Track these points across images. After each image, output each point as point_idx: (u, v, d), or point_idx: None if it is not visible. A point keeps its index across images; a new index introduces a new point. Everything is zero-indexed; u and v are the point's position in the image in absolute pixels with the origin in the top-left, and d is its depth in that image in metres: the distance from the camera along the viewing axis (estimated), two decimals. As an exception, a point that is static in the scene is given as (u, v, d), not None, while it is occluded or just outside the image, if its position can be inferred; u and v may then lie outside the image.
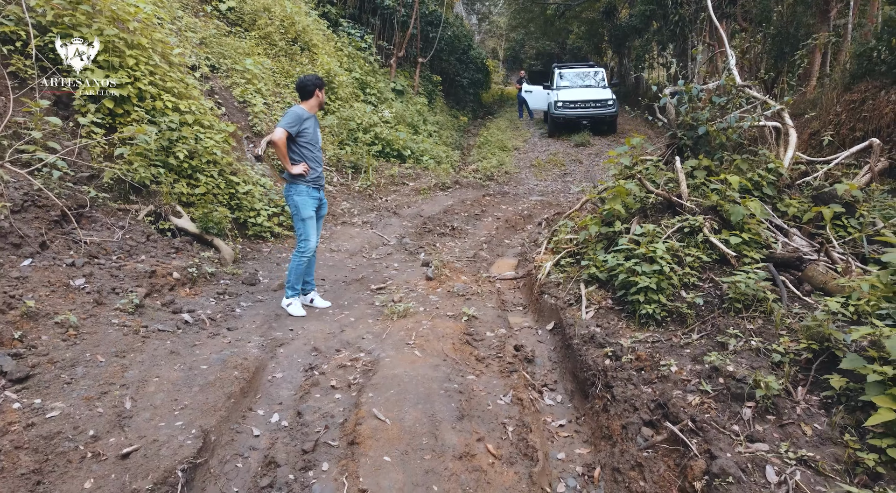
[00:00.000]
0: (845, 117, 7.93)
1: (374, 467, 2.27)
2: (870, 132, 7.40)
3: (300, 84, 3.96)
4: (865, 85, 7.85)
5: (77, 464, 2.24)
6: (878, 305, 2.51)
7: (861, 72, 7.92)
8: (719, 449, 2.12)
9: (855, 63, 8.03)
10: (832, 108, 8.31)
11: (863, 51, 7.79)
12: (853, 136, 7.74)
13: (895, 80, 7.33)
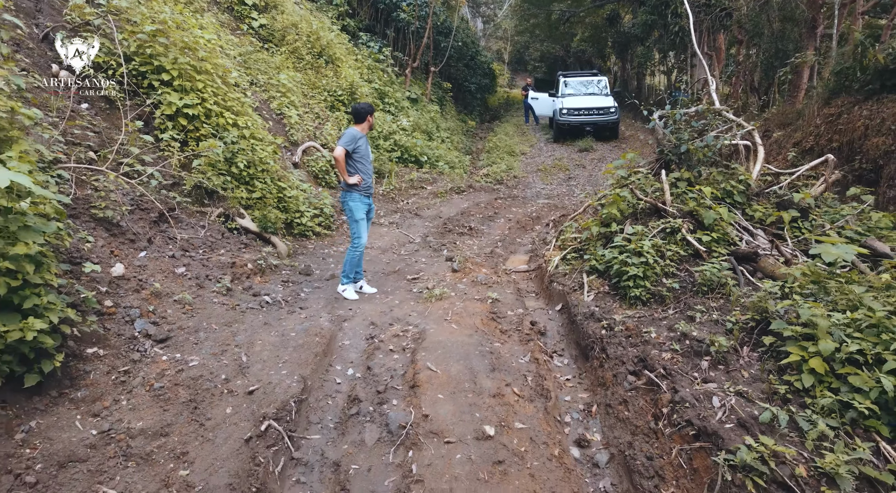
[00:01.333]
0: (824, 129, 8.74)
1: (432, 401, 3.13)
2: (844, 143, 8.22)
3: (355, 110, 4.81)
4: (842, 100, 8.66)
5: (218, 397, 3.11)
6: (804, 285, 3.35)
7: (838, 88, 8.72)
8: (681, 387, 2.96)
9: (833, 80, 8.83)
10: (813, 120, 9.12)
11: (840, 69, 8.59)
12: (830, 146, 8.56)
13: (867, 97, 8.14)
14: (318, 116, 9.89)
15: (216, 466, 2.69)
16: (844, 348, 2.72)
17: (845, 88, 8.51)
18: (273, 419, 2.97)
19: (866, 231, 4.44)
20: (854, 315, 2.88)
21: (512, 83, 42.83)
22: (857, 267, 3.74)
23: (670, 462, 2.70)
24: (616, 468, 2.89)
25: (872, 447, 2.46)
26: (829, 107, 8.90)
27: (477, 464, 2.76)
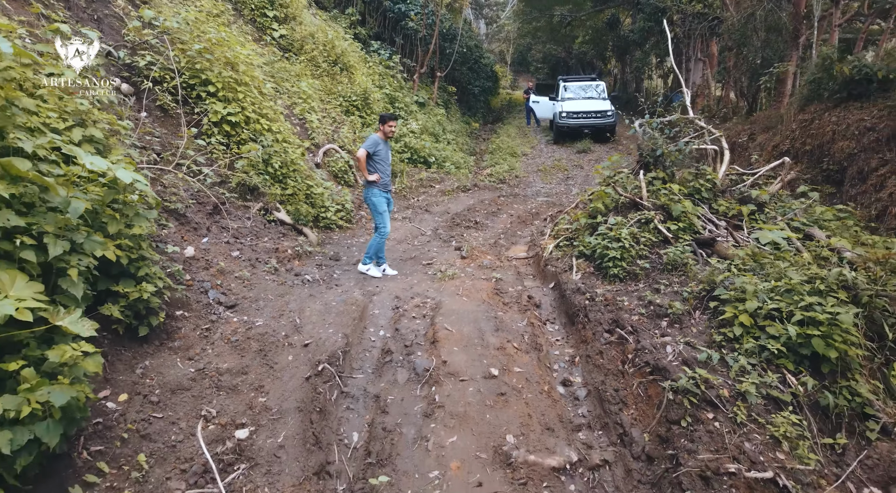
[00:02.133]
0: (798, 133, 9.58)
1: (448, 352, 3.98)
2: (815, 147, 9.06)
3: (380, 119, 5.65)
4: (815, 107, 9.50)
5: (281, 348, 3.97)
6: (746, 263, 4.18)
7: (812, 96, 9.55)
8: (644, 339, 3.80)
9: (807, 88, 9.66)
10: (789, 125, 9.95)
11: (812, 79, 9.41)
12: (804, 149, 9.39)
13: (836, 105, 8.98)
14: (335, 120, 10.75)
15: (286, 395, 3.55)
16: (765, 307, 3.56)
17: (817, 96, 9.34)
18: (326, 363, 3.82)
19: (811, 222, 5.28)
20: (776, 283, 3.72)
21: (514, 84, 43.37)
22: (797, 248, 4.57)
23: (631, 393, 3.54)
24: (591, 399, 3.73)
25: (780, 377, 3.31)
26: (803, 113, 9.73)
27: (484, 395, 3.60)
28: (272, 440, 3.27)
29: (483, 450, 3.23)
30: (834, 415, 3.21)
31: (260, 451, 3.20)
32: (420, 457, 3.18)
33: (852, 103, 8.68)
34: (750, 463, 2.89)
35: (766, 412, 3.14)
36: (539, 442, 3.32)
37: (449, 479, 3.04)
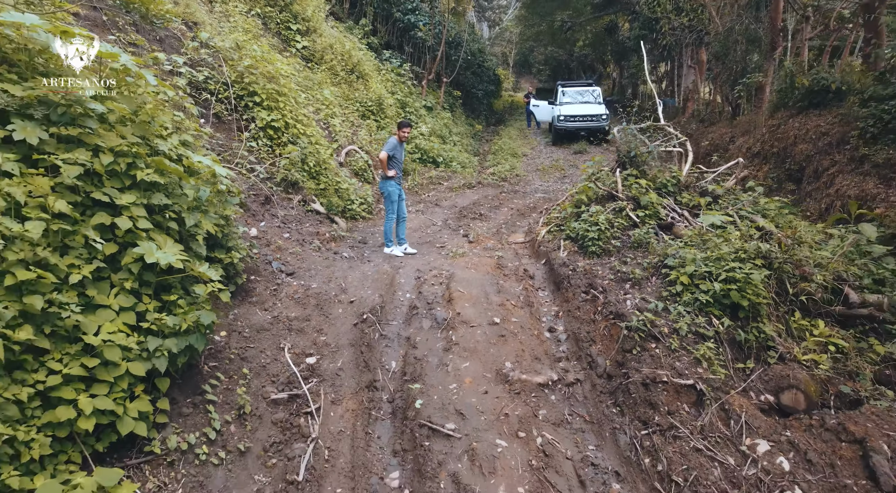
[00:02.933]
0: (768, 137, 10.75)
1: (461, 307, 5.16)
2: (781, 149, 10.23)
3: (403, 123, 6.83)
4: (782, 113, 10.67)
5: (333, 303, 5.16)
6: (692, 240, 5.36)
7: (780, 104, 10.73)
8: (611, 297, 4.98)
9: (776, 97, 10.82)
10: (761, 129, 11.12)
11: (780, 88, 10.58)
12: (772, 150, 10.57)
13: (799, 112, 10.15)
14: (354, 124, 11.95)
15: (340, 336, 4.75)
16: (700, 270, 4.75)
17: (784, 104, 10.52)
18: (368, 314, 5.01)
19: (756, 210, 6.44)
20: (710, 253, 4.90)
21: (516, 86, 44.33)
22: (737, 227, 5.74)
23: (599, 333, 4.73)
24: (570, 340, 4.92)
25: (707, 320, 4.49)
26: (772, 119, 10.92)
27: (489, 336, 4.79)
28: (333, 365, 4.47)
29: (488, 372, 4.42)
30: (745, 347, 4.40)
31: (325, 371, 4.40)
32: (442, 376, 4.37)
33: (812, 111, 9.85)
34: (678, 375, 4.08)
35: (693, 342, 4.33)
36: (529, 367, 4.51)
37: (463, 389, 4.23)
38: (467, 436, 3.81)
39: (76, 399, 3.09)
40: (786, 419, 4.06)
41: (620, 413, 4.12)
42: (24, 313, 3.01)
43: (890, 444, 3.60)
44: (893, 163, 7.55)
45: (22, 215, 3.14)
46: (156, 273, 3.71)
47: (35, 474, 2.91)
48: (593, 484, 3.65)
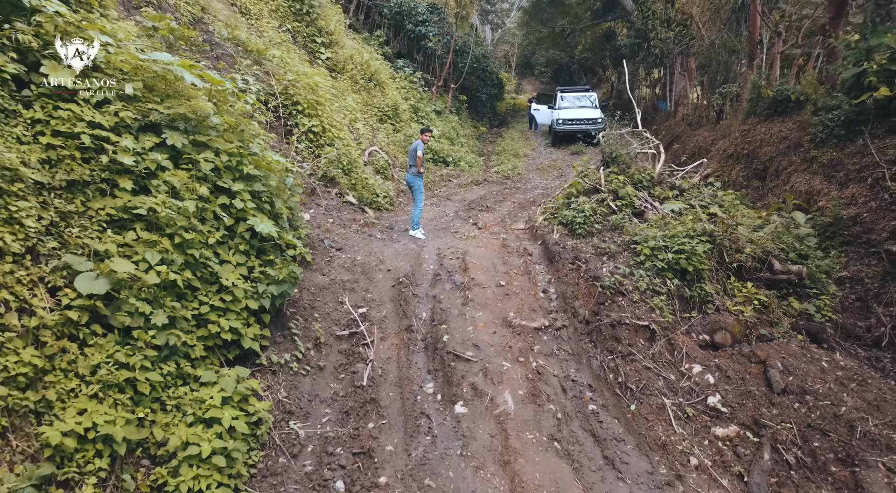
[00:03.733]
0: (740, 140, 12.18)
1: (474, 274, 6.62)
2: (750, 151, 11.64)
3: (425, 129, 8.28)
4: (752, 120, 12.10)
5: (375, 271, 6.63)
6: (657, 222, 6.80)
7: (751, 111, 12.15)
8: (591, 266, 6.43)
9: (748, 105, 12.25)
10: (735, 133, 12.55)
11: (750, 98, 12.01)
12: (744, 152, 11.98)
13: (766, 118, 11.56)
14: (373, 128, 13.41)
15: (382, 294, 6.21)
16: (659, 244, 6.19)
17: (754, 111, 11.95)
18: (403, 278, 6.47)
19: (714, 201, 7.87)
20: (667, 232, 6.34)
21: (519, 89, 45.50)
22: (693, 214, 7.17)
23: (581, 292, 6.18)
24: (559, 298, 6.37)
25: (661, 281, 5.93)
26: (744, 124, 12.35)
27: (496, 294, 6.24)
28: (379, 314, 5.94)
29: (496, 319, 5.87)
30: (690, 301, 5.84)
31: (374, 318, 5.86)
32: (461, 322, 5.82)
33: (777, 118, 11.27)
34: (637, 319, 5.53)
35: (650, 296, 5.77)
36: (527, 316, 5.97)
37: (478, 330, 5.68)
38: (481, 360, 5.26)
39: (217, 321, 4.55)
40: (716, 351, 5.51)
41: (594, 346, 5.58)
42: (187, 262, 4.46)
43: (783, 362, 5.06)
44: (835, 163, 8.98)
45: (179, 196, 4.61)
46: (259, 240, 5.17)
47: (196, 368, 4.37)
48: (572, 391, 5.10)
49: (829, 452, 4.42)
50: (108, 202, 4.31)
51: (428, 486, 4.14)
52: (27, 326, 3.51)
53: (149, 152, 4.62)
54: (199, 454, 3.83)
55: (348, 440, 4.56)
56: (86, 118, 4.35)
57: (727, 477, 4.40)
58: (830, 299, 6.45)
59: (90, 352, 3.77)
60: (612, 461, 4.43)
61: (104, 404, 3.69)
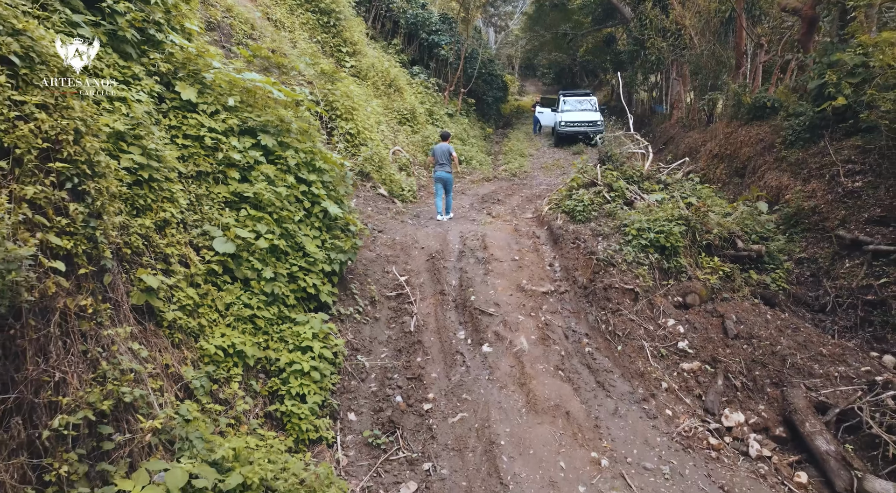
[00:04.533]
0: (724, 141, 13.61)
1: (493, 251, 8.07)
2: (733, 151, 13.07)
3: (444, 134, 9.73)
4: (735, 123, 13.53)
5: (411, 248, 8.11)
6: (643, 210, 8.24)
7: (734, 116, 13.58)
8: (590, 244, 7.89)
9: (731, 110, 13.68)
10: (720, 135, 13.98)
11: (733, 103, 13.44)
12: (727, 153, 13.42)
13: (746, 122, 12.99)
14: (394, 129, 14.87)
15: (419, 266, 7.67)
16: (643, 226, 7.64)
17: (736, 116, 13.38)
18: (434, 253, 7.93)
19: (693, 193, 9.31)
20: (650, 217, 7.78)
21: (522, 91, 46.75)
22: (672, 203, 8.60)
23: (580, 264, 7.64)
24: (562, 270, 7.82)
25: (644, 256, 7.39)
26: (728, 127, 13.79)
27: (511, 267, 7.70)
28: (418, 281, 7.39)
29: (512, 285, 7.32)
30: (668, 271, 7.28)
31: (414, 284, 7.31)
32: (484, 287, 7.27)
33: (755, 122, 12.70)
34: (624, 284, 6.98)
35: (635, 267, 7.21)
36: (537, 283, 7.42)
37: (497, 293, 7.12)
38: (501, 314, 6.71)
39: (303, 278, 6.00)
40: (687, 310, 6.95)
41: (590, 305, 7.03)
42: (282, 234, 5.92)
43: (737, 316, 6.51)
44: (800, 162, 10.41)
45: (274, 184, 6.06)
46: (328, 219, 6.63)
47: (291, 312, 5.83)
48: (573, 338, 6.55)
49: (766, 378, 5.87)
50: (223, 188, 5.77)
51: (465, 399, 5.59)
52: (187, 273, 4.96)
53: (248, 150, 6.08)
54: (302, 369, 5.29)
55: (402, 370, 6.01)
56: (206, 124, 5.82)
57: (689, 397, 5.85)
58: (784, 273, 7.89)
59: (224, 294, 5.23)
60: (602, 384, 5.88)
61: (236, 331, 5.15)
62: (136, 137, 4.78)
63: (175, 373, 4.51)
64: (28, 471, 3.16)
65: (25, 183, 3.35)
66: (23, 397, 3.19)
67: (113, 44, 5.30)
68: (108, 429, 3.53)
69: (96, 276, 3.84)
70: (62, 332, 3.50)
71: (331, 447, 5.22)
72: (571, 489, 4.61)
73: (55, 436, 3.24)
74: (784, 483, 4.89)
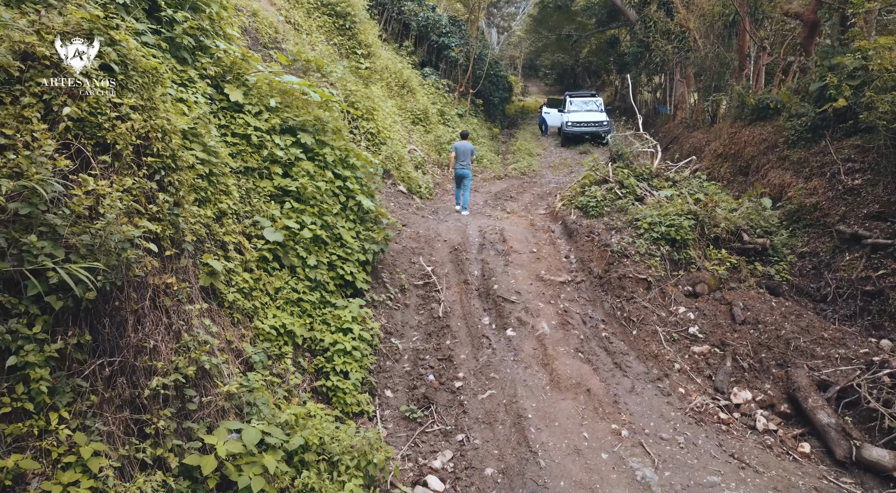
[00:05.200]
0: (728, 141, 14.07)
1: (512, 244, 8.54)
2: (736, 151, 13.52)
3: (464, 133, 10.20)
4: (739, 124, 13.99)
5: (434, 241, 8.58)
6: (653, 205, 8.70)
7: (738, 116, 14.04)
8: (604, 237, 8.35)
9: (734, 111, 14.14)
10: (724, 135, 14.44)
11: (737, 104, 13.89)
12: (731, 152, 13.87)
13: (750, 123, 13.45)
14: (408, 129, 15.34)
15: (443, 257, 8.14)
16: (654, 220, 8.10)
17: (740, 117, 13.84)
18: (456, 245, 8.40)
19: (700, 190, 9.76)
20: (661, 211, 8.24)
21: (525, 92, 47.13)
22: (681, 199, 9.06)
23: (595, 256, 8.10)
24: (578, 262, 8.29)
25: (656, 247, 7.85)
26: (732, 128, 14.24)
27: (530, 258, 8.16)
28: (442, 271, 7.86)
29: (531, 275, 7.79)
30: (678, 262, 7.75)
31: (439, 274, 7.78)
32: (505, 277, 7.73)
33: (758, 123, 13.16)
34: (637, 273, 7.44)
35: (648, 258, 7.68)
36: (555, 273, 7.88)
37: (518, 282, 7.59)
38: (523, 302, 7.18)
39: (341, 266, 6.47)
40: (696, 298, 7.41)
41: (605, 294, 7.50)
42: (322, 225, 6.38)
43: (744, 303, 6.97)
44: (802, 161, 10.87)
45: (314, 179, 6.53)
46: (362, 212, 7.10)
47: (331, 297, 6.29)
48: (590, 323, 7.02)
49: (771, 360, 6.33)
50: (267, 183, 6.24)
51: (493, 377, 6.06)
52: (242, 259, 5.43)
53: (289, 148, 6.55)
54: (345, 349, 5.75)
55: (433, 351, 6.48)
56: (251, 124, 6.29)
57: (700, 377, 6.30)
58: (788, 265, 8.35)
59: (274, 279, 5.69)
60: (619, 365, 6.34)
61: (285, 313, 5.62)
62: (196, 134, 5.24)
63: (236, 348, 4.97)
64: (131, 424, 3.63)
65: (123, 174, 3.81)
66: (125, 361, 3.65)
67: (171, 50, 5.77)
68: (191, 392, 3.99)
69: (175, 258, 4.31)
70: (152, 306, 3.96)
71: (371, 420, 5.68)
72: (595, 456, 5.06)
73: (152, 395, 3.70)
74: (788, 453, 5.34)
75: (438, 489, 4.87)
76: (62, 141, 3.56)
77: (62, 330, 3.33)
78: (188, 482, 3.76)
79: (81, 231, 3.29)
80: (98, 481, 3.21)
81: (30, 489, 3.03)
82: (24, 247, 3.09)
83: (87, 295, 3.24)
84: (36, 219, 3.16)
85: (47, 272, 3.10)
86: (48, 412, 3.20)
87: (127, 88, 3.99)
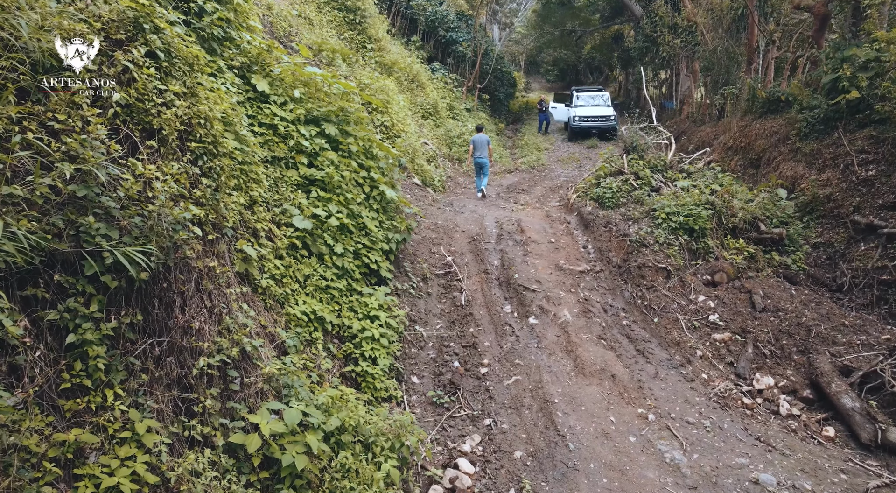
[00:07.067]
0: (738, 134, 14.09)
1: (530, 234, 8.61)
2: (747, 144, 13.56)
3: (479, 127, 10.28)
4: (749, 117, 14.01)
5: (453, 232, 8.65)
6: (670, 195, 8.76)
7: (748, 109, 14.05)
8: (622, 227, 8.42)
9: (745, 104, 14.17)
10: (734, 129, 14.47)
11: (747, 98, 13.92)
12: (741, 145, 13.90)
13: (760, 116, 13.47)
14: (419, 123, 15.39)
15: (462, 247, 8.21)
16: (672, 210, 8.16)
17: (750, 110, 13.86)
18: (474, 236, 8.47)
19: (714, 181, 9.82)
20: (679, 201, 8.31)
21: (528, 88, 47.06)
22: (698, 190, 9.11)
23: (613, 246, 8.17)
24: (595, 252, 8.36)
25: (674, 237, 7.91)
26: (742, 121, 14.27)
27: (548, 248, 8.23)
28: (463, 260, 7.93)
29: (550, 264, 7.86)
30: (696, 252, 7.81)
31: (460, 263, 7.85)
32: (525, 267, 7.80)
33: (769, 116, 13.19)
34: (657, 263, 7.51)
35: (666, 248, 7.74)
36: (573, 263, 7.95)
37: (538, 271, 7.66)
38: (543, 290, 7.25)
39: (366, 255, 6.54)
40: (715, 287, 7.48)
41: (625, 283, 7.57)
42: (349, 214, 6.45)
43: (763, 291, 7.03)
44: (815, 153, 10.91)
45: (340, 169, 6.59)
46: (385, 202, 7.16)
47: (357, 285, 6.37)
48: (611, 311, 7.09)
49: (792, 346, 6.40)
50: (293, 172, 6.30)
51: (518, 364, 6.13)
52: (273, 246, 5.50)
53: (314, 138, 6.61)
54: (372, 335, 5.83)
55: (457, 339, 6.56)
56: (277, 114, 6.35)
57: (722, 364, 6.38)
58: (804, 255, 8.40)
59: (303, 267, 5.77)
60: (642, 352, 6.41)
61: (314, 300, 5.70)
62: (228, 123, 5.30)
63: (270, 333, 5.05)
64: (179, 403, 3.71)
65: (169, 159, 3.88)
66: (173, 341, 3.73)
67: (200, 41, 5.83)
68: (234, 373, 4.07)
69: (216, 242, 4.38)
70: (196, 288, 4.04)
71: (399, 405, 5.76)
72: (623, 439, 5.14)
73: (199, 375, 3.78)
74: (813, 437, 5.41)
75: (469, 471, 4.95)
76: (111, 126, 3.63)
77: (115, 310, 3.40)
78: (233, 461, 3.84)
79: (134, 213, 3.35)
80: (152, 456, 3.29)
81: (89, 462, 3.10)
82: (82, 228, 3.15)
83: (141, 275, 3.31)
84: (91, 202, 3.23)
85: (103, 253, 3.17)
86: (104, 389, 3.27)
87: (171, 75, 4.06)
